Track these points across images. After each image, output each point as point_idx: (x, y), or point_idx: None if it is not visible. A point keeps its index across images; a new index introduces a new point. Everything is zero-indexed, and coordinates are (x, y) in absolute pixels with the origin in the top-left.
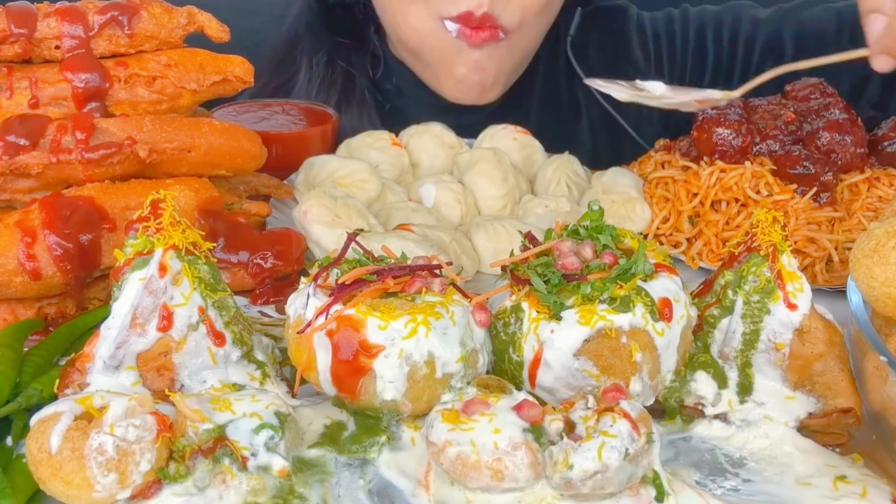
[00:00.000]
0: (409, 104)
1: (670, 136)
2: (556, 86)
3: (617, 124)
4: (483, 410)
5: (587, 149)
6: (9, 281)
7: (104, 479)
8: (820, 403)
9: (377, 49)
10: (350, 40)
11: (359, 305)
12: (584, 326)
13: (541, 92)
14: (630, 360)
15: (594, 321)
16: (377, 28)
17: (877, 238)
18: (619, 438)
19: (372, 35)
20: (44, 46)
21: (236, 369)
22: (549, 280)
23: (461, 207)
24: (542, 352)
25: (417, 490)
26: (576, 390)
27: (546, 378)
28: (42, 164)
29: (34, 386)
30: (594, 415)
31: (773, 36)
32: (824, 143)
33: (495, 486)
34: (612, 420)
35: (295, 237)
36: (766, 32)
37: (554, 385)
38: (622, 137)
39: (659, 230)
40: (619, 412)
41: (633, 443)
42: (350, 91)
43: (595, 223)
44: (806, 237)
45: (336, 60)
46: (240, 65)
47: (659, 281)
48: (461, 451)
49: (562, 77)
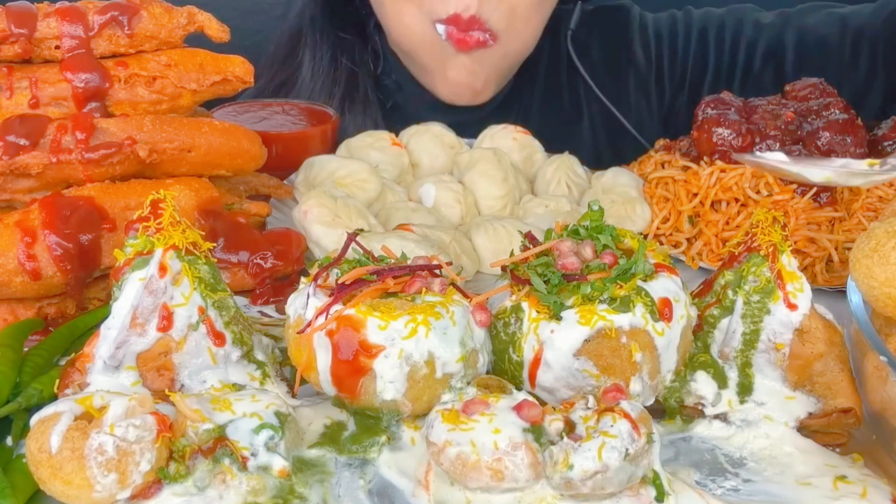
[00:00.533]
0: (409, 100)
1: (670, 136)
2: (558, 82)
3: (617, 122)
4: (483, 410)
5: (588, 146)
6: (9, 281)
7: (104, 479)
8: (820, 403)
9: (377, 45)
10: (352, 36)
11: (359, 305)
12: (584, 326)
13: (542, 88)
14: (630, 360)
15: (594, 321)
16: (376, 23)
17: (877, 238)
18: (620, 438)
19: (372, 30)
20: (44, 46)
21: (236, 369)
22: (549, 280)
23: (461, 207)
24: (542, 352)
25: (417, 490)
26: (576, 390)
27: (546, 378)
28: (42, 164)
29: (34, 386)
30: (594, 415)
31: (774, 41)
32: (824, 143)
33: (495, 486)
34: (612, 420)
35: (295, 237)
36: (767, 37)
37: (554, 385)
38: (623, 135)
39: (659, 230)
40: (619, 412)
41: (633, 443)
42: (353, 89)
43: (595, 223)
44: (806, 237)
45: (339, 57)
46: (240, 65)
47: (659, 281)
48: (461, 451)
49: (563, 73)
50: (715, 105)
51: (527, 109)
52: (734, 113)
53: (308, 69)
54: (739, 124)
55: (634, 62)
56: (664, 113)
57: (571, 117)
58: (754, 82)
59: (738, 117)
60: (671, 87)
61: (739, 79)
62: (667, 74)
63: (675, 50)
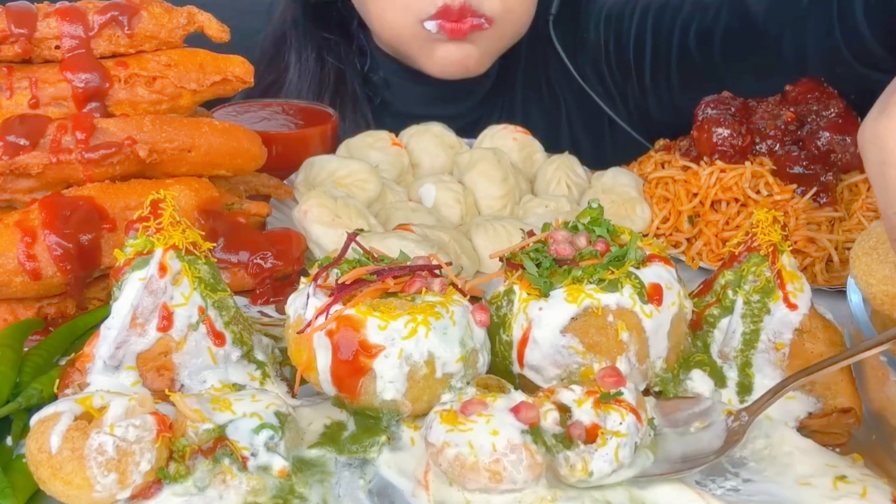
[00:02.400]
0: (397, 97)
1: (670, 136)
2: (542, 68)
3: (595, 105)
4: (481, 411)
5: (586, 146)
6: (9, 281)
7: (104, 480)
8: (820, 403)
9: (362, 43)
10: (336, 36)
11: (359, 305)
12: (571, 304)
13: (525, 75)
14: (616, 339)
15: (581, 299)
16: (360, 22)
17: (877, 236)
18: (630, 436)
19: (356, 30)
20: (44, 46)
21: (236, 369)
22: (540, 264)
23: (461, 207)
24: (530, 330)
25: (417, 490)
26: (562, 368)
27: (533, 356)
28: (42, 164)
29: (34, 386)
30: (588, 397)
31: (709, 20)
32: (824, 143)
33: (493, 487)
34: (620, 417)
35: (295, 237)
36: (701, 18)
37: (541, 363)
38: (623, 133)
39: (659, 230)
40: (625, 406)
41: (638, 433)
42: (342, 88)
43: (594, 219)
44: (806, 237)
45: (325, 56)
46: (240, 65)
47: (651, 268)
48: (459, 452)
49: (549, 61)
50: (715, 105)
51: (512, 100)
52: (734, 113)
53: (295, 71)
54: (739, 124)
55: (587, 44)
56: (663, 112)
57: (552, 107)
58: (689, 64)
59: (738, 117)
60: (620, 72)
61: (675, 65)
62: (613, 63)
63: (620, 35)
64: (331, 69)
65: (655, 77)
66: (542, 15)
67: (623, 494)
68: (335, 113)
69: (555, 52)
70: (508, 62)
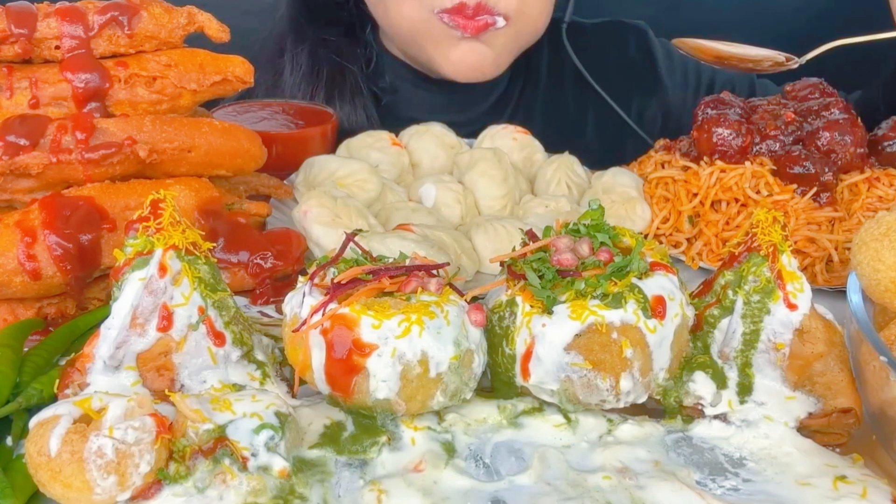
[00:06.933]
0: (402, 102)
1: (670, 135)
2: (557, 76)
3: (618, 116)
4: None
5: (588, 140)
6: (9, 281)
7: (104, 482)
8: (820, 403)
9: (369, 45)
10: (337, 36)
11: (353, 304)
12: (574, 321)
13: (540, 83)
14: (620, 356)
15: (585, 316)
16: (373, 26)
17: (888, 224)
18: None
19: (368, 34)
20: (44, 46)
21: (236, 369)
22: (543, 275)
23: (461, 207)
24: (533, 345)
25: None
26: (566, 382)
27: (537, 371)
28: (42, 164)
29: (34, 386)
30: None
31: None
32: (824, 143)
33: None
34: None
35: (295, 237)
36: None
37: (544, 378)
38: (624, 129)
39: (659, 230)
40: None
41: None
42: (341, 84)
43: (595, 221)
44: (806, 237)
45: (319, 54)
46: (240, 65)
47: (654, 279)
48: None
49: (563, 69)
50: (715, 105)
51: (526, 106)
52: (734, 113)
53: (289, 69)
54: (739, 124)
55: (628, 57)
56: (664, 112)
57: (571, 113)
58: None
59: (739, 117)
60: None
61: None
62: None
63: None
64: (327, 66)
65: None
66: (554, 22)
67: (623, 494)
68: (335, 113)
69: (569, 59)
70: (518, 70)
